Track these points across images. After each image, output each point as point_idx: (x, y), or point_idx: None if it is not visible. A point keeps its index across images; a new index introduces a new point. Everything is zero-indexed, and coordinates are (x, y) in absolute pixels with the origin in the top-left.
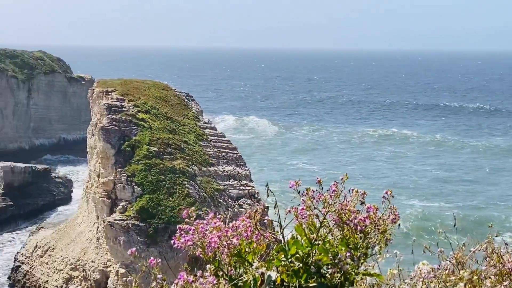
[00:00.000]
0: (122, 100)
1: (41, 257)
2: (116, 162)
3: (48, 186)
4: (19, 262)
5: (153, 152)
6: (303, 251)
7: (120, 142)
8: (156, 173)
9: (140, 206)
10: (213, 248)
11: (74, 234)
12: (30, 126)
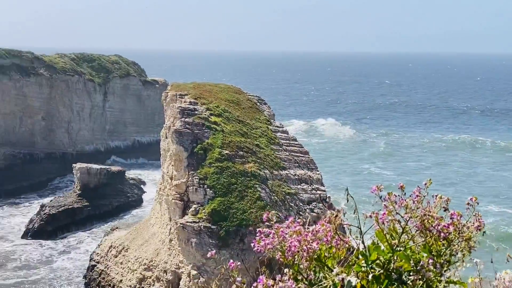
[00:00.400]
0: (195, 104)
1: (115, 257)
2: (189, 164)
3: (123, 188)
4: (94, 261)
5: (225, 155)
6: (384, 257)
7: (193, 145)
8: (228, 176)
9: (212, 209)
10: (293, 252)
11: (147, 235)
12: (106, 129)
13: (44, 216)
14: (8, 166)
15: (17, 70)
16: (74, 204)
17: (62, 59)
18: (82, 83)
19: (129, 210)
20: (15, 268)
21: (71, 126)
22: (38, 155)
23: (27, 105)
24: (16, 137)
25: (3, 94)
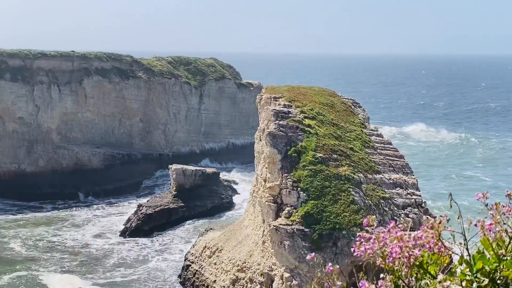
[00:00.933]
0: (289, 106)
1: (209, 257)
2: (282, 167)
3: (217, 189)
4: (189, 261)
5: (319, 158)
6: (490, 266)
7: (287, 147)
8: (321, 179)
9: (305, 212)
10: (394, 258)
11: (241, 237)
12: (201, 131)
13: (141, 215)
14: (107, 166)
15: (117, 73)
16: (169, 204)
17: (159, 62)
18: (179, 85)
19: (223, 211)
20: (112, 265)
21: (168, 128)
22: (136, 156)
23: (125, 107)
24: (115, 138)
25: (104, 96)
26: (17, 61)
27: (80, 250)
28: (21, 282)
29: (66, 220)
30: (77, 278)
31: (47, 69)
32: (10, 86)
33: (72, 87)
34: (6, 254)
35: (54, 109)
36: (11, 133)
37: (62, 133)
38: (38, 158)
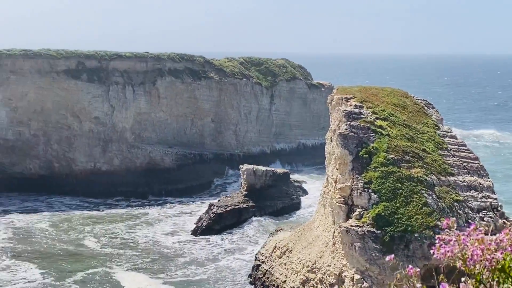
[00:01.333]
0: (361, 107)
1: (279, 257)
2: (353, 168)
3: (287, 190)
4: (259, 261)
5: (391, 160)
6: None
7: (358, 148)
8: (393, 181)
9: (376, 213)
10: (475, 261)
11: (311, 238)
12: (272, 131)
13: (212, 215)
14: (179, 166)
15: (189, 73)
16: (240, 204)
17: (231, 63)
18: (250, 86)
19: (293, 212)
20: (183, 264)
21: (239, 128)
22: (207, 156)
23: (197, 107)
24: (187, 138)
25: (176, 96)
26: (94, 62)
27: (152, 248)
28: (95, 278)
29: (139, 218)
30: (148, 277)
31: (122, 70)
32: (86, 87)
33: (146, 87)
34: (82, 250)
35: (129, 109)
36: (87, 133)
37: (136, 133)
38: (113, 157)
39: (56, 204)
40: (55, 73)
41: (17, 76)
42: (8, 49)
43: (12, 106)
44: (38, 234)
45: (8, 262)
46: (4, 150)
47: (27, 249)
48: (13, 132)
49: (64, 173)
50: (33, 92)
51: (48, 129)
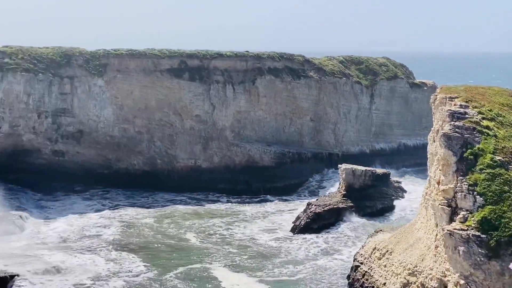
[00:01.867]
0: (466, 107)
1: (379, 259)
2: (457, 170)
3: (387, 190)
4: (358, 262)
5: (498, 162)
6: None
7: (462, 149)
8: (500, 184)
9: (481, 217)
10: None
11: (412, 240)
12: (371, 131)
13: (310, 214)
14: (278, 164)
15: (289, 72)
16: (338, 204)
17: (331, 61)
18: (350, 85)
19: (392, 213)
20: (280, 263)
21: (338, 127)
22: (306, 155)
23: (296, 106)
24: (286, 137)
25: (275, 95)
26: (196, 61)
27: (249, 245)
28: (195, 274)
29: (237, 215)
30: (245, 275)
31: (223, 68)
32: (188, 86)
33: (246, 86)
34: (183, 245)
35: (229, 108)
36: (188, 130)
37: (235, 131)
38: (213, 154)
39: (160, 199)
40: (159, 72)
41: (123, 75)
42: (115, 49)
43: (118, 104)
44: (143, 228)
45: (116, 254)
46: (110, 146)
47: (133, 242)
48: (119, 129)
49: (166, 170)
50: (138, 91)
51: (151, 126)
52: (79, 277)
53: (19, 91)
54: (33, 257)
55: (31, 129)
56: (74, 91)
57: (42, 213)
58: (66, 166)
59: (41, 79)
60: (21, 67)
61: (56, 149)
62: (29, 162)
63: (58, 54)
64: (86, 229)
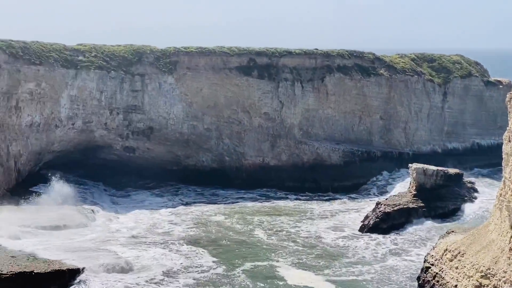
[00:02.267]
0: None
1: (450, 261)
2: None
3: (459, 191)
4: (428, 263)
5: None
6: None
7: None
8: None
9: None
10: None
11: (485, 242)
12: (444, 130)
13: (379, 213)
14: (346, 163)
15: (358, 70)
16: (409, 204)
17: (402, 59)
18: (421, 83)
19: (464, 214)
20: (348, 262)
21: (408, 126)
22: (375, 153)
23: (366, 104)
24: (355, 135)
25: (344, 93)
26: (264, 59)
27: (316, 244)
28: (261, 271)
29: (305, 213)
30: (312, 273)
31: (292, 66)
32: (257, 83)
33: (314, 84)
34: (251, 241)
35: (297, 106)
36: (256, 128)
37: (303, 129)
38: (280, 152)
39: (228, 196)
40: (228, 69)
41: (193, 73)
42: (185, 46)
43: (187, 101)
44: (213, 224)
45: (186, 250)
46: (179, 143)
47: (203, 238)
48: (188, 126)
49: (234, 167)
50: (207, 88)
51: (220, 123)
52: (149, 273)
53: (92, 88)
54: (104, 251)
55: (103, 125)
56: (144, 88)
57: (113, 208)
58: (136, 162)
59: (113, 76)
60: (94, 65)
61: (127, 145)
62: (101, 158)
63: (130, 52)
64: (157, 224)
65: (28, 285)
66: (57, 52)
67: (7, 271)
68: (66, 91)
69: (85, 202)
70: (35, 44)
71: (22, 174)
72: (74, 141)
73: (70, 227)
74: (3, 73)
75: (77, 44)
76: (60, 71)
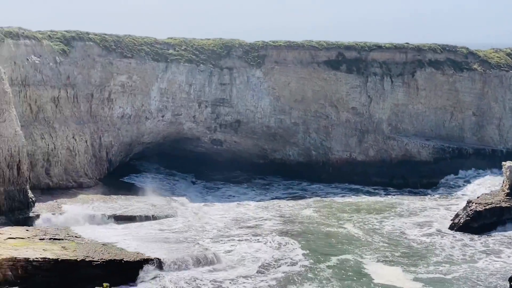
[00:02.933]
0: None
1: None
2: None
3: None
4: None
5: None
6: None
7: None
8: None
9: None
10: None
11: None
12: None
13: (470, 212)
14: (436, 159)
15: (451, 65)
16: (501, 203)
17: (497, 54)
18: None
19: None
20: (436, 260)
21: (503, 123)
22: (467, 150)
23: (458, 100)
24: (446, 131)
25: (436, 88)
26: (353, 53)
27: (403, 240)
28: (347, 266)
29: (394, 209)
30: (400, 270)
31: (381, 61)
32: (345, 77)
33: (404, 78)
34: (339, 235)
35: (386, 100)
36: (344, 122)
37: (392, 124)
38: (368, 147)
39: (317, 191)
40: (316, 63)
41: (281, 67)
42: (274, 40)
43: (275, 95)
44: (303, 218)
45: (278, 242)
46: (266, 136)
47: (291, 232)
48: (275, 120)
49: (321, 161)
50: (295, 82)
51: (307, 118)
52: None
53: (182, 81)
54: (192, 243)
55: (191, 118)
56: (233, 82)
57: (201, 200)
58: (223, 155)
59: (202, 69)
60: (184, 58)
61: (215, 138)
62: (189, 150)
63: (219, 46)
64: (245, 218)
65: (117, 273)
66: (148, 46)
67: (98, 259)
68: (156, 84)
69: (173, 194)
70: (127, 38)
71: (113, 164)
72: (163, 133)
73: (159, 218)
74: (96, 66)
75: (167, 38)
76: (151, 64)
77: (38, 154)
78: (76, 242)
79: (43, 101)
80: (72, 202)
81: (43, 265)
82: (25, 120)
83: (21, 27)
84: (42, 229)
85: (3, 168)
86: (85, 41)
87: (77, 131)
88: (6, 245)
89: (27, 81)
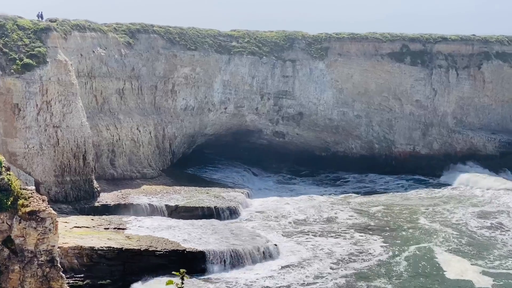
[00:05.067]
0: None
1: None
2: None
3: None
4: None
5: None
6: None
7: None
8: None
9: None
10: None
11: None
12: None
13: None
14: (503, 154)
15: None
16: None
17: None
18: None
19: None
20: (501, 254)
21: None
22: None
23: None
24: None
25: (503, 81)
26: (418, 45)
27: (475, 232)
28: (419, 256)
29: (461, 201)
30: (468, 263)
31: (446, 53)
32: (409, 70)
33: (470, 71)
34: (412, 227)
35: (451, 93)
36: (408, 115)
37: (457, 118)
38: (432, 141)
39: (384, 183)
40: (380, 56)
41: (344, 59)
42: (337, 32)
43: (338, 88)
44: (376, 211)
45: (356, 238)
46: (328, 129)
47: (369, 225)
48: (338, 112)
49: (383, 154)
50: (358, 74)
51: (370, 110)
52: (312, 260)
53: (244, 73)
54: (257, 237)
55: (254, 110)
56: (295, 74)
57: (265, 193)
58: (285, 147)
59: (265, 62)
60: (247, 50)
61: (277, 130)
62: (251, 142)
63: (282, 38)
64: (314, 212)
65: (178, 262)
66: (211, 38)
67: (161, 248)
68: (219, 76)
69: (236, 185)
70: (191, 30)
71: (176, 155)
72: (226, 125)
73: (222, 209)
74: (161, 58)
75: (230, 30)
76: (214, 56)
77: (104, 145)
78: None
79: (108, 93)
80: (136, 193)
81: (108, 253)
82: (90, 111)
83: (88, 20)
84: (107, 218)
85: (69, 158)
86: (150, 33)
87: (141, 123)
88: (72, 234)
89: (93, 73)
